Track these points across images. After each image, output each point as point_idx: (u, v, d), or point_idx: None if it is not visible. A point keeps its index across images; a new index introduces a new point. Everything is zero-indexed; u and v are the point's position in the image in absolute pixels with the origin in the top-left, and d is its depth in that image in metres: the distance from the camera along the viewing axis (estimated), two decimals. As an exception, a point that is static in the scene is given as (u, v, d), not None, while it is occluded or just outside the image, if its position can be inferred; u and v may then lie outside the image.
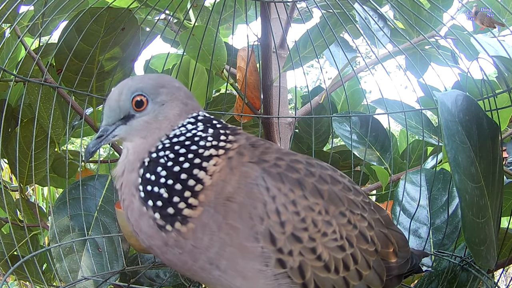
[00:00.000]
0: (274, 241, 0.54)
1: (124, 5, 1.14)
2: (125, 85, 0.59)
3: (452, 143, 0.65)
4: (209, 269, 0.55)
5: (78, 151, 1.50)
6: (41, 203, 2.26)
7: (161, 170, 0.55)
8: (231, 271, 0.54)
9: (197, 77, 1.24)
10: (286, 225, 0.54)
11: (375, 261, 0.62)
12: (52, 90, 1.07)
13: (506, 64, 0.82)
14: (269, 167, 0.57)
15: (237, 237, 0.53)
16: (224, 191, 0.54)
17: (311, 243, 0.56)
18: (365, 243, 0.61)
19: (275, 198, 0.54)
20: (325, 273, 0.57)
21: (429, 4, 1.36)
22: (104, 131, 0.59)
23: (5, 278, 0.89)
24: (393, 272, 0.65)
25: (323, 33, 1.14)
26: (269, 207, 0.54)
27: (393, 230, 0.68)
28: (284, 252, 0.54)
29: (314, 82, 6.37)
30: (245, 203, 0.54)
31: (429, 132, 1.36)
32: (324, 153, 1.49)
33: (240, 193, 0.54)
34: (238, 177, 0.55)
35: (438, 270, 0.94)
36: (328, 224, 0.57)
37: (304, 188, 0.57)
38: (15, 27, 1.10)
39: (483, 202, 0.69)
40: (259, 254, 0.53)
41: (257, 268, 0.54)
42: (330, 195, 0.59)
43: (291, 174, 0.57)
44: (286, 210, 0.55)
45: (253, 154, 0.58)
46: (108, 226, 1.04)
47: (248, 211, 0.53)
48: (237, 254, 0.53)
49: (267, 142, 0.64)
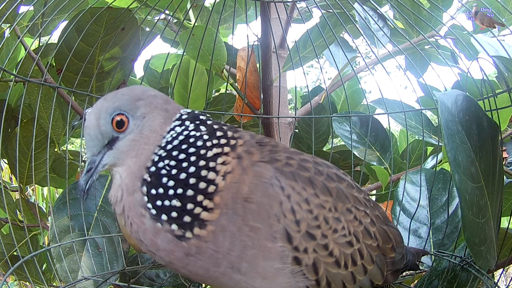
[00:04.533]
0: (290, 239, 0.54)
1: (124, 5, 1.14)
2: (101, 108, 0.54)
3: (452, 143, 0.65)
4: (230, 273, 0.54)
5: (78, 151, 1.50)
6: (41, 203, 2.26)
7: (168, 181, 0.52)
8: (252, 273, 0.54)
9: (197, 77, 1.24)
10: (301, 223, 0.55)
11: (377, 256, 0.63)
12: (52, 90, 1.07)
13: (506, 64, 0.82)
14: (282, 166, 0.57)
15: (258, 238, 0.52)
16: (241, 192, 0.53)
17: (323, 240, 0.57)
18: (369, 238, 0.62)
19: (290, 197, 0.55)
20: (336, 268, 0.58)
21: (429, 4, 1.36)
22: (92, 163, 0.55)
23: (5, 278, 0.89)
24: (393, 267, 0.66)
25: (323, 33, 1.14)
26: (285, 206, 0.54)
27: (390, 227, 0.70)
28: (300, 250, 0.55)
29: (314, 82, 6.37)
30: (263, 203, 0.53)
31: (429, 132, 1.36)
32: (324, 153, 1.49)
33: (256, 193, 0.53)
34: (252, 177, 0.54)
35: (438, 270, 0.94)
36: (337, 221, 0.58)
37: (315, 187, 0.57)
38: (15, 27, 1.10)
39: (483, 202, 0.69)
40: (277, 253, 0.53)
41: (276, 267, 0.54)
42: (338, 192, 0.60)
43: (302, 173, 0.58)
44: (301, 209, 0.55)
45: (263, 153, 0.58)
46: (108, 226, 1.04)
47: (266, 211, 0.53)
48: (259, 255, 0.53)
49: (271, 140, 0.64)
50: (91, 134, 0.55)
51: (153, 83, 1.56)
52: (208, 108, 1.55)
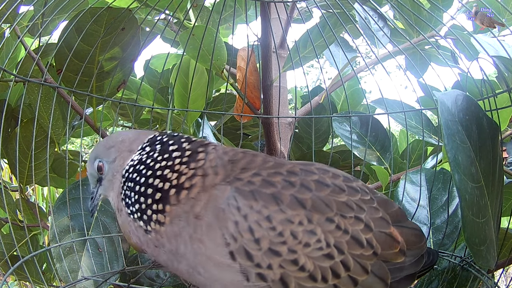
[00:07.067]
0: (250, 257, 0.55)
1: (124, 5, 1.14)
2: (90, 156, 0.70)
3: (452, 143, 0.65)
4: (192, 273, 0.58)
5: (78, 151, 1.50)
6: (41, 203, 2.26)
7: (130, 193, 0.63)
8: (210, 279, 0.57)
9: (197, 77, 1.24)
10: (262, 241, 0.55)
11: (375, 265, 0.60)
12: (52, 90, 1.07)
13: (506, 64, 0.82)
14: (242, 185, 0.58)
15: (208, 252, 0.56)
16: (194, 209, 0.57)
17: (291, 255, 0.56)
18: (358, 247, 0.59)
19: (247, 216, 0.55)
20: (311, 282, 0.56)
21: (429, 4, 1.36)
22: (92, 193, 0.72)
23: (5, 278, 0.89)
24: (401, 273, 0.63)
25: (323, 33, 1.14)
26: (241, 226, 0.55)
27: (403, 227, 0.66)
28: (263, 266, 0.55)
29: (314, 82, 6.38)
30: (213, 225, 0.56)
31: (429, 132, 1.36)
32: (324, 153, 1.49)
33: (208, 215, 0.56)
34: (207, 199, 0.57)
35: (438, 270, 0.94)
36: (311, 234, 0.57)
37: (280, 202, 0.57)
38: (15, 27, 1.10)
39: (483, 202, 0.69)
40: (237, 269, 0.55)
41: (239, 280, 0.55)
42: (314, 202, 0.58)
43: (265, 189, 0.57)
44: (260, 227, 0.55)
45: (229, 173, 0.60)
46: (108, 226, 1.04)
47: (219, 231, 0.55)
48: (211, 266, 0.56)
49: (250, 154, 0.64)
50: (88, 173, 0.72)
51: (153, 83, 1.57)
52: (208, 108, 1.55)
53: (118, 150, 0.67)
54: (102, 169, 0.68)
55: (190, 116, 1.30)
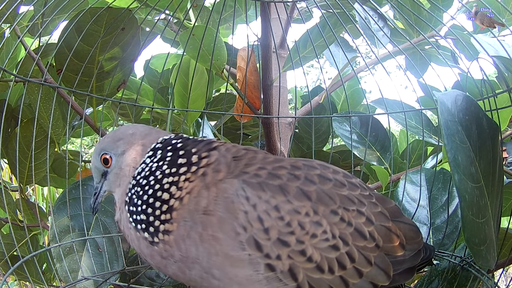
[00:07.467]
0: (260, 247, 0.55)
1: (124, 5, 1.14)
2: (95, 149, 0.69)
3: (452, 143, 0.65)
4: (207, 278, 0.57)
5: (78, 151, 1.50)
6: (41, 203, 2.26)
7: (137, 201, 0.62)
8: (225, 279, 0.56)
9: (197, 77, 1.24)
10: (271, 231, 0.56)
11: (378, 257, 0.61)
12: (52, 90, 1.07)
13: (506, 64, 0.82)
14: (248, 178, 0.59)
15: (221, 247, 0.55)
16: (200, 205, 0.57)
17: (299, 246, 0.56)
18: (362, 240, 0.60)
19: (256, 206, 0.56)
20: (318, 274, 0.57)
21: (429, 4, 1.36)
22: (96, 188, 0.70)
23: (5, 278, 0.89)
24: (402, 266, 0.64)
25: (323, 33, 1.14)
26: (251, 215, 0.56)
27: (400, 222, 0.67)
28: (272, 257, 0.55)
29: (314, 82, 6.38)
30: (223, 217, 0.56)
31: (429, 132, 1.36)
32: (324, 153, 1.49)
33: (218, 207, 0.56)
34: (215, 192, 0.58)
35: (438, 270, 0.94)
36: (317, 225, 0.58)
37: (287, 193, 0.58)
38: (15, 27, 1.10)
39: (483, 202, 0.69)
40: (248, 261, 0.55)
41: (248, 274, 0.55)
42: (319, 195, 0.59)
43: (272, 181, 0.58)
44: (269, 217, 0.56)
45: (234, 168, 0.61)
46: (108, 226, 1.04)
47: (229, 223, 0.55)
48: (225, 263, 0.56)
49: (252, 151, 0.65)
50: (92, 167, 0.70)
51: (153, 83, 1.56)
52: (208, 108, 1.55)
53: (128, 143, 0.66)
54: (109, 162, 0.66)
55: (190, 116, 1.30)
